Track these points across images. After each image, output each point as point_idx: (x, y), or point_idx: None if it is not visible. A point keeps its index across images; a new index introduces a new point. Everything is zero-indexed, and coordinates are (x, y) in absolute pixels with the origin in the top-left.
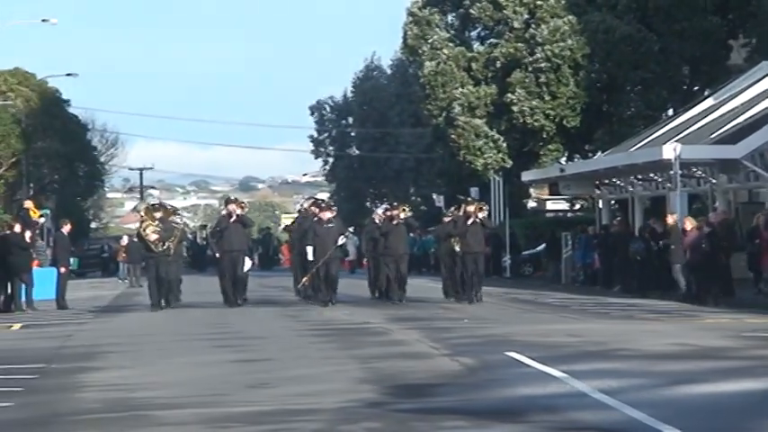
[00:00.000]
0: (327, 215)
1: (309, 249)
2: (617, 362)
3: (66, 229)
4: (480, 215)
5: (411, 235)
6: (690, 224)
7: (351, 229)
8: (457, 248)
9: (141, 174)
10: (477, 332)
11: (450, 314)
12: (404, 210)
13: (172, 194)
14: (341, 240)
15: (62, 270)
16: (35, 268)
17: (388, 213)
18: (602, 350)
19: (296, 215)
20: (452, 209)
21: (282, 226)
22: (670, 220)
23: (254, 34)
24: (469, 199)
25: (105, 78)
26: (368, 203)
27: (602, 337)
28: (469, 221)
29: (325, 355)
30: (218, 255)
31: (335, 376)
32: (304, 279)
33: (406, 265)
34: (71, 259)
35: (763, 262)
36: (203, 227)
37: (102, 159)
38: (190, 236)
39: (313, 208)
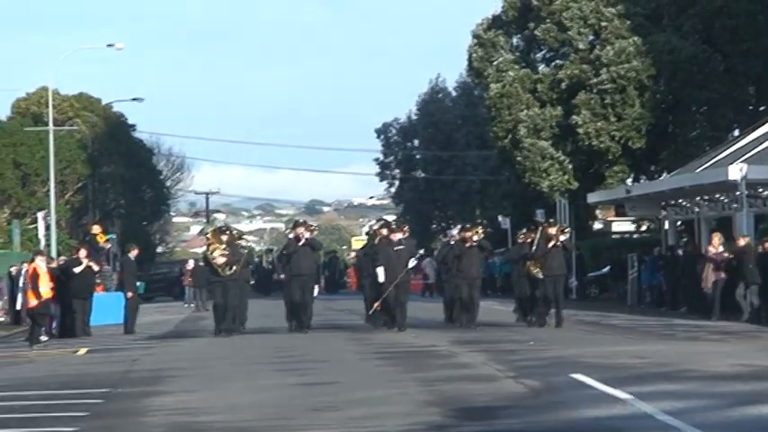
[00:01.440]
0: (398, 236)
1: (380, 271)
2: (682, 383)
3: (134, 253)
4: (562, 238)
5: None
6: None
7: (422, 251)
8: (536, 272)
9: (207, 198)
10: (542, 354)
11: (516, 336)
12: (477, 232)
13: (237, 218)
14: (412, 263)
15: (129, 295)
16: (100, 293)
17: (462, 235)
18: (668, 371)
19: (365, 238)
20: (524, 230)
21: (356, 248)
22: (742, 242)
23: (318, 58)
24: (551, 221)
25: (171, 103)
26: (434, 226)
27: (667, 358)
28: (551, 244)
29: (389, 377)
30: (284, 278)
31: (400, 399)
32: (375, 304)
33: (479, 288)
34: (138, 283)
35: None
36: (269, 250)
37: (168, 184)
38: (256, 259)
39: (383, 230)
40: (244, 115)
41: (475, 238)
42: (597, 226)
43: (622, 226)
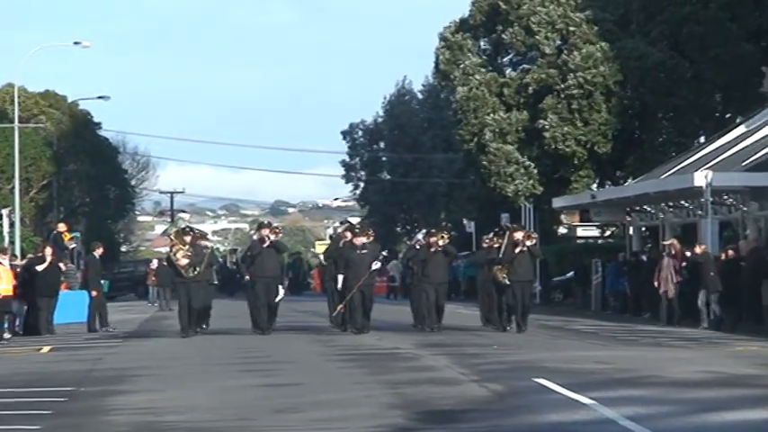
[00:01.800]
0: (362, 240)
1: (340, 278)
2: (645, 389)
3: (99, 252)
4: (528, 243)
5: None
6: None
7: (385, 253)
8: (502, 277)
9: (172, 197)
10: (505, 358)
11: (479, 340)
12: (443, 236)
13: (202, 218)
14: (375, 265)
15: (93, 293)
16: (65, 291)
17: (427, 240)
18: (631, 377)
19: (329, 240)
20: (491, 235)
21: (319, 252)
22: (698, 249)
23: (286, 58)
24: (514, 225)
25: (137, 101)
26: (399, 228)
27: (630, 364)
28: (517, 249)
29: (353, 380)
30: (248, 280)
31: (364, 401)
32: (339, 306)
33: (445, 293)
34: (102, 282)
35: None
36: (233, 251)
37: (133, 182)
38: (220, 260)
39: (347, 233)
40: (210, 115)
41: (440, 242)
42: (562, 231)
43: (587, 231)
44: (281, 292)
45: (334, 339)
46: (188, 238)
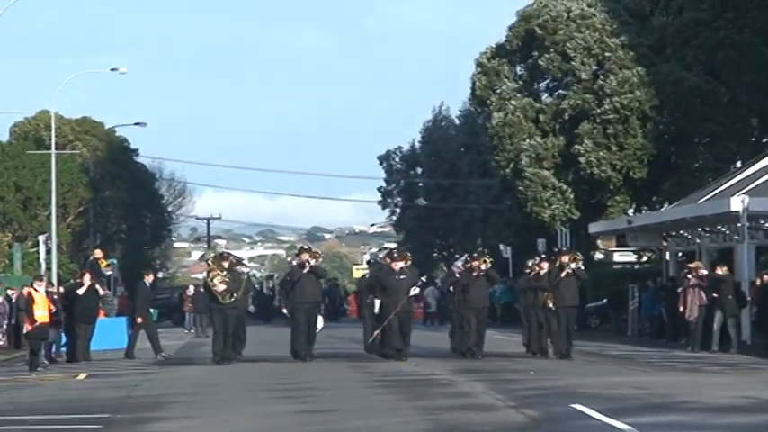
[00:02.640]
0: (400, 265)
1: (377, 302)
2: (682, 414)
3: (149, 279)
4: (573, 266)
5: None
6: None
7: (423, 279)
8: (549, 303)
9: (208, 223)
10: (542, 384)
11: (516, 365)
12: (485, 261)
13: (239, 244)
14: (413, 291)
15: (139, 320)
16: (102, 318)
17: (468, 265)
18: (668, 402)
19: (366, 266)
20: (537, 260)
21: (356, 277)
22: (720, 271)
23: (321, 84)
24: (564, 249)
25: (173, 128)
26: (435, 254)
27: (667, 389)
28: (563, 273)
29: (389, 406)
30: (285, 307)
31: (400, 428)
32: (376, 332)
33: (486, 318)
34: (151, 310)
35: None
36: (270, 277)
37: (170, 209)
38: (256, 286)
39: (387, 259)
40: (246, 142)
41: (482, 267)
42: (599, 256)
43: (624, 256)
44: (321, 321)
45: (371, 366)
46: (226, 264)
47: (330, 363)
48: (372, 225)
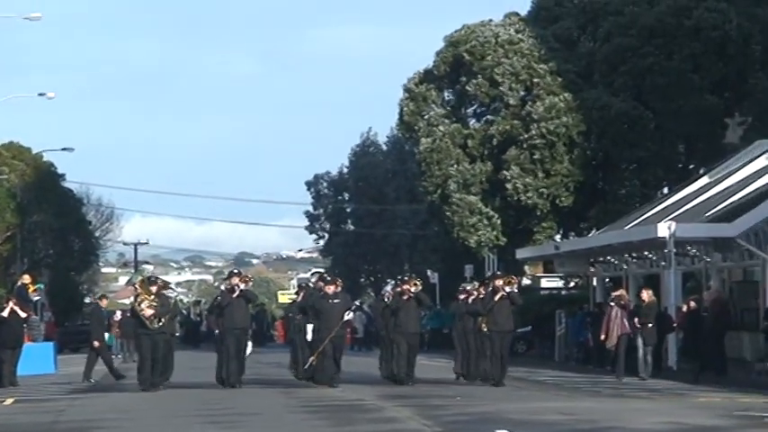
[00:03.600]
0: (333, 289)
1: (309, 327)
2: None
3: (104, 304)
4: (508, 289)
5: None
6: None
7: (357, 303)
8: (483, 327)
9: (136, 249)
10: (469, 410)
11: (442, 391)
12: (415, 284)
13: (166, 269)
14: (347, 316)
15: (96, 344)
16: (28, 343)
17: (398, 288)
18: (594, 428)
19: (293, 291)
20: (469, 285)
21: (283, 302)
22: (645, 296)
23: (251, 110)
24: (498, 273)
25: (101, 153)
26: (363, 279)
27: (593, 415)
28: (497, 297)
29: (317, 431)
30: (217, 332)
31: None
32: (311, 358)
33: (417, 343)
34: (107, 335)
35: None
36: (197, 302)
37: (97, 234)
38: (184, 311)
39: (320, 283)
40: (174, 167)
41: (412, 290)
42: (526, 282)
43: (551, 282)
44: (249, 346)
45: (298, 391)
46: (154, 288)
47: (258, 388)
48: (300, 250)
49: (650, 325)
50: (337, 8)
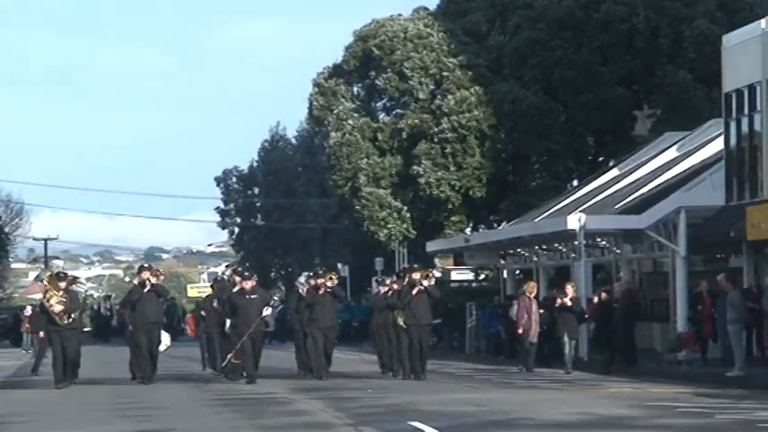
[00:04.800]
0: (250, 284)
1: (227, 322)
2: (519, 431)
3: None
4: (426, 283)
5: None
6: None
7: (276, 297)
8: (400, 321)
9: (46, 244)
10: (381, 402)
11: (354, 384)
12: (331, 278)
13: (76, 264)
14: (266, 311)
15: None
16: None
17: (314, 282)
18: (506, 419)
19: (204, 285)
20: (393, 278)
21: (192, 296)
22: (569, 290)
23: (161, 105)
24: (415, 266)
25: (10, 148)
26: (273, 273)
27: (505, 406)
28: (415, 290)
29: (228, 425)
30: (130, 327)
31: None
32: (230, 355)
33: (334, 338)
34: None
35: (704, 329)
36: (108, 297)
37: (7, 229)
38: (94, 306)
39: (234, 277)
40: (85, 162)
41: (328, 284)
42: (436, 275)
43: (462, 275)
44: (165, 339)
45: (209, 385)
46: (63, 284)
47: (169, 382)
48: (210, 245)
49: (574, 319)
50: (245, 2)
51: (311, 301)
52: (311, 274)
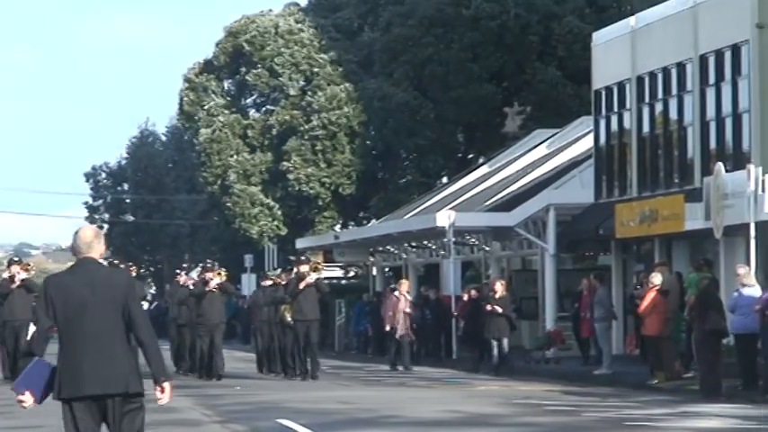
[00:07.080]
0: None
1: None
2: (387, 429)
3: None
4: (315, 275)
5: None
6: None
7: (153, 291)
8: (288, 316)
9: None
10: (249, 399)
11: (223, 381)
12: (219, 273)
13: None
14: (144, 306)
15: None
16: None
17: (202, 277)
18: (373, 417)
19: None
20: (278, 271)
21: None
22: (498, 287)
23: (31, 99)
24: (302, 258)
25: None
26: (143, 270)
27: (373, 404)
28: (302, 284)
29: None
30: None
31: None
32: None
33: (222, 335)
34: None
35: (583, 327)
36: None
37: None
38: None
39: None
40: None
41: (217, 280)
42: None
43: (331, 272)
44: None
45: None
46: None
47: None
48: None
49: (501, 318)
50: None
51: (199, 295)
52: (204, 267)
